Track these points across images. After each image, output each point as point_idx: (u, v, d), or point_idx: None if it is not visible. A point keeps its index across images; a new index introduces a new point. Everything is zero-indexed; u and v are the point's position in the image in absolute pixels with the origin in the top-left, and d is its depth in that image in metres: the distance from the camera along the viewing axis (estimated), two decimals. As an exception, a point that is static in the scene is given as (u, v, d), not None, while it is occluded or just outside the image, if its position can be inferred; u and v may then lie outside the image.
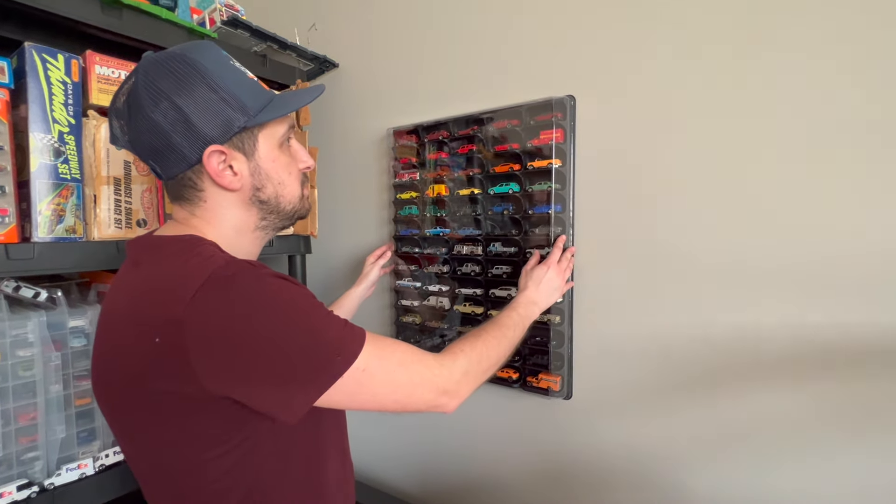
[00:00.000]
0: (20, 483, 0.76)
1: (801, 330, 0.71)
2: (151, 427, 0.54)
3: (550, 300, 0.85)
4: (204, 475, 0.53)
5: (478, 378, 0.65)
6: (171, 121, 0.52)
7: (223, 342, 0.48)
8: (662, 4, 0.80)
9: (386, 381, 0.55)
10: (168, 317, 0.48)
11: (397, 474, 1.26)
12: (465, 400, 0.63)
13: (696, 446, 0.82)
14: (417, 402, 0.59)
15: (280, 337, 0.49)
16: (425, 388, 0.59)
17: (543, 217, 0.91)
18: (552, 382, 0.92)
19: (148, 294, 0.52)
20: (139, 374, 0.51)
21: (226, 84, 0.54)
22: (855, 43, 0.66)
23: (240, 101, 0.55)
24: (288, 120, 0.61)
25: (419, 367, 0.59)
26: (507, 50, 0.98)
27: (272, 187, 0.60)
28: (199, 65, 0.53)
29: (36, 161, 0.74)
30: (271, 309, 0.50)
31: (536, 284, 0.84)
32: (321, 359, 0.51)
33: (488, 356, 0.67)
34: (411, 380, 0.58)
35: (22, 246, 0.72)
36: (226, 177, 0.56)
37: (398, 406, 0.58)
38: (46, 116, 0.75)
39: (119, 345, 0.54)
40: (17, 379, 0.77)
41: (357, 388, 0.53)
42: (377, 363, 0.54)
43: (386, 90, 1.18)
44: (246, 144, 0.57)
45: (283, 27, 1.16)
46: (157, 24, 0.90)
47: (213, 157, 0.54)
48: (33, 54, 0.74)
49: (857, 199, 0.67)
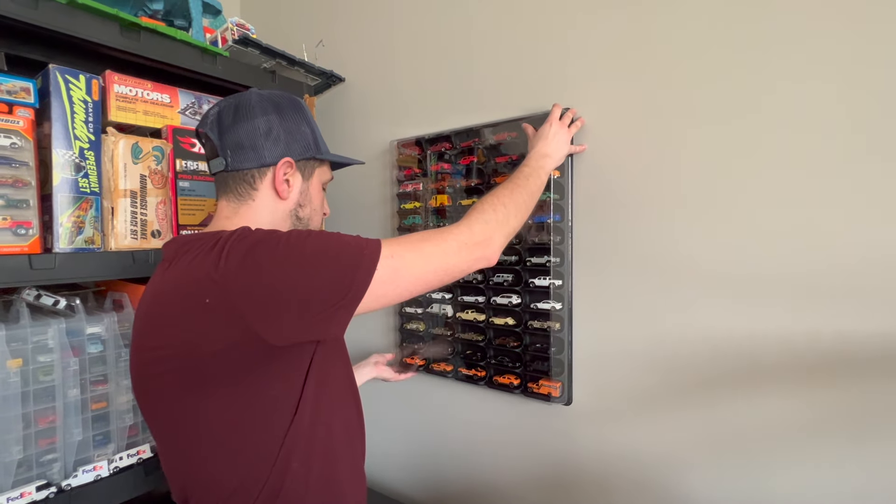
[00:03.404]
0: (39, 484, 0.79)
1: (801, 335, 0.73)
2: (212, 398, 0.57)
3: (562, 151, 0.86)
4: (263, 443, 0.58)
5: (502, 223, 0.69)
6: (267, 128, 0.67)
7: (262, 285, 0.53)
8: (657, 17, 0.82)
9: (418, 259, 0.61)
10: (211, 277, 0.54)
11: (400, 479, 1.28)
12: (503, 245, 0.69)
13: (696, 451, 0.83)
14: (457, 264, 0.64)
15: (310, 259, 0.55)
16: (456, 249, 0.63)
17: (543, 226, 0.94)
18: (552, 388, 0.94)
19: (189, 272, 0.57)
20: (195, 343, 0.55)
21: (313, 125, 0.73)
22: (855, 48, 0.67)
23: (317, 139, 0.73)
24: (331, 172, 0.78)
25: (441, 236, 0.64)
26: (507, 64, 1.01)
27: (310, 209, 0.73)
28: (301, 105, 0.72)
29: (58, 176, 0.78)
30: (294, 239, 0.56)
31: (545, 138, 0.85)
32: (353, 260, 0.56)
33: (505, 204, 0.71)
34: (439, 248, 0.63)
35: (44, 256, 0.76)
36: (283, 185, 0.68)
37: (441, 276, 0.63)
38: (68, 133, 0.79)
39: (166, 325, 0.58)
40: (37, 383, 0.80)
41: (394, 274, 0.58)
42: (401, 248, 0.60)
43: (390, 103, 1.22)
44: (307, 170, 0.72)
45: (291, 44, 1.21)
46: (173, 45, 0.95)
47: (284, 164, 0.68)
48: (57, 75, 0.78)
49: (859, 205, 0.68)
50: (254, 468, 0.59)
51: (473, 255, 0.65)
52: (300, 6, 1.43)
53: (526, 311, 0.97)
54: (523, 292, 0.97)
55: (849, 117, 0.68)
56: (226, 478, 0.59)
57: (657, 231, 0.84)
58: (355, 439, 0.74)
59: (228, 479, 0.59)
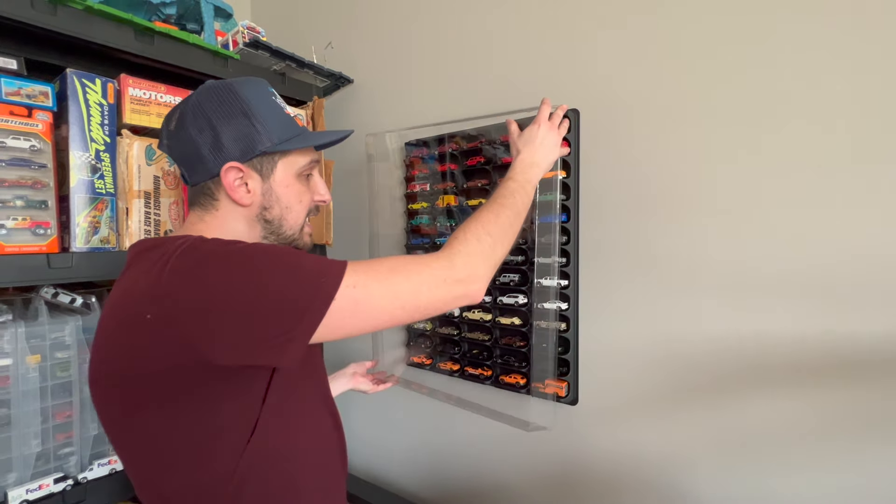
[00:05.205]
0: (57, 476, 0.81)
1: (807, 336, 0.72)
2: (154, 416, 0.53)
3: (550, 158, 0.78)
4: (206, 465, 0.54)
5: (487, 255, 0.62)
6: (204, 136, 0.60)
7: (207, 301, 0.48)
8: (667, 15, 0.82)
9: (385, 292, 0.54)
10: (153, 292, 0.50)
11: (405, 476, 1.29)
12: (489, 279, 0.61)
13: (702, 451, 0.83)
14: (431, 301, 0.57)
15: (261, 278, 0.50)
16: (432, 285, 0.56)
17: (549, 226, 0.94)
18: (558, 388, 0.94)
19: (134, 283, 0.54)
20: (136, 359, 0.51)
21: (259, 114, 0.61)
22: (861, 48, 0.67)
23: (267, 130, 0.61)
24: (311, 154, 0.67)
25: (416, 268, 0.56)
26: (515, 66, 1.01)
27: (279, 210, 0.64)
28: (241, 95, 0.61)
29: (75, 177, 0.81)
30: (246, 255, 0.52)
31: (530, 144, 0.77)
32: (308, 285, 0.51)
33: (490, 232, 0.64)
34: (411, 282, 0.55)
35: (61, 256, 0.78)
36: (239, 192, 0.61)
37: (411, 313, 0.56)
38: (85, 136, 0.82)
39: (110, 338, 0.54)
40: (55, 379, 0.83)
41: (355, 306, 0.52)
42: (367, 277, 0.53)
43: (398, 104, 1.23)
44: (265, 167, 0.63)
45: (301, 46, 1.22)
46: (185, 49, 0.97)
47: (229, 172, 0.60)
48: (74, 79, 0.80)
49: (868, 206, 0.67)
50: (208, 488, 0.55)
51: (453, 293, 0.58)
52: (310, 9, 1.45)
53: (532, 311, 0.98)
54: (530, 292, 0.98)
55: (861, 117, 0.67)
56: (180, 496, 0.56)
57: (664, 232, 0.84)
58: (329, 460, 0.68)
59: (183, 497, 0.56)
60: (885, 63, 0.65)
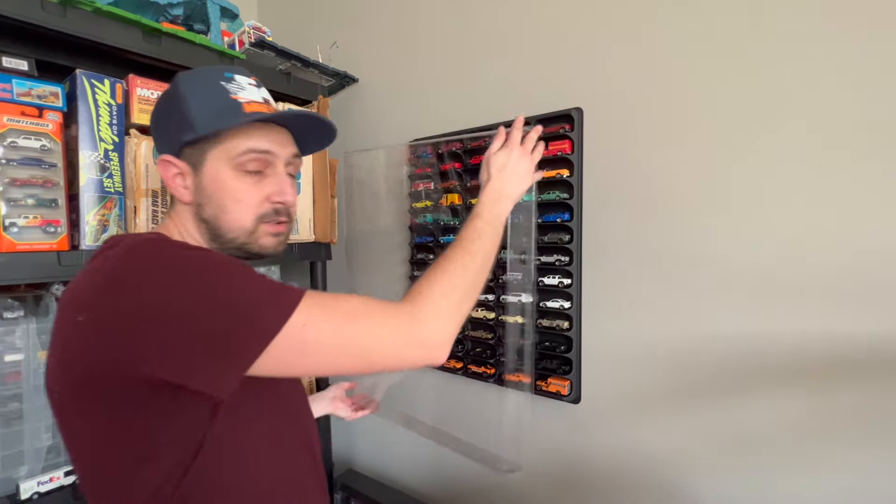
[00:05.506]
0: (67, 469, 0.83)
1: (808, 336, 0.72)
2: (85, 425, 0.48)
3: (521, 187, 0.72)
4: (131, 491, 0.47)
5: (454, 314, 0.55)
6: (154, 133, 0.61)
7: (134, 314, 0.44)
8: (665, 16, 0.82)
9: (336, 339, 0.48)
10: (86, 295, 0.46)
11: (410, 474, 1.30)
12: (452, 341, 0.54)
13: (704, 451, 0.82)
14: (384, 360, 0.50)
15: (199, 296, 0.45)
16: (389, 343, 0.50)
17: (552, 225, 0.94)
18: (561, 386, 0.95)
19: (78, 282, 0.50)
20: (69, 362, 0.47)
21: (192, 102, 0.55)
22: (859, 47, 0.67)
23: (191, 119, 0.54)
24: (251, 141, 0.56)
25: (377, 318, 0.50)
26: (518, 65, 1.01)
27: (212, 208, 0.57)
28: (178, 85, 0.57)
29: (84, 176, 0.82)
30: (192, 266, 0.47)
31: (500, 172, 0.71)
32: (249, 315, 0.45)
33: (456, 286, 0.57)
34: (369, 334, 0.49)
35: (71, 253, 0.80)
36: (176, 186, 0.58)
37: (363, 367, 0.50)
38: (94, 135, 0.83)
39: (54, 337, 0.50)
40: (65, 374, 0.84)
41: (301, 346, 0.46)
42: (320, 318, 0.47)
43: (403, 103, 1.24)
44: (195, 158, 0.57)
45: (306, 46, 1.23)
46: (192, 49, 0.98)
47: (162, 166, 0.58)
48: (83, 80, 0.82)
49: (871, 205, 0.67)
50: None
51: (413, 357, 0.52)
52: (315, 8, 1.46)
53: (535, 310, 0.98)
54: (533, 291, 0.98)
55: (863, 117, 0.67)
56: None
57: (667, 230, 0.84)
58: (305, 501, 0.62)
59: None
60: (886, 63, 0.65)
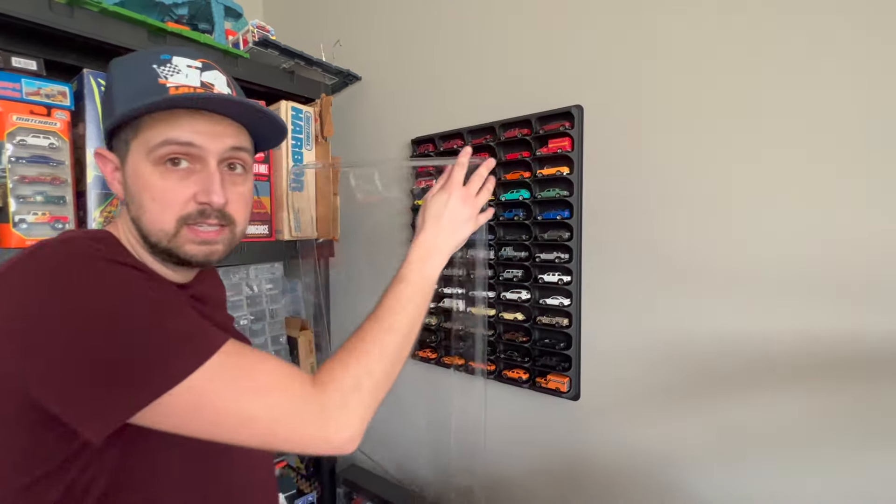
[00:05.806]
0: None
1: (808, 335, 0.72)
2: None
3: (458, 238, 0.63)
4: None
5: (367, 404, 0.50)
6: None
7: (23, 322, 0.40)
8: (666, 15, 0.82)
9: (234, 410, 0.43)
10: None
11: (408, 469, 1.31)
12: (361, 434, 0.49)
13: (703, 449, 0.83)
14: (287, 444, 0.46)
15: (97, 323, 0.40)
16: (293, 431, 0.45)
17: (552, 222, 0.95)
18: (560, 383, 0.95)
19: None
20: None
21: (115, 87, 0.50)
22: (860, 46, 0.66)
23: (112, 105, 0.49)
24: (171, 130, 0.48)
25: (287, 400, 0.45)
26: (519, 63, 1.01)
27: (134, 208, 0.50)
28: (110, 69, 0.51)
29: (91, 174, 0.84)
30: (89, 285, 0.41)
31: (436, 220, 0.62)
32: (157, 354, 0.41)
33: (371, 371, 0.51)
34: (272, 418, 0.44)
35: (79, 249, 0.81)
36: (113, 182, 0.53)
37: (256, 443, 0.45)
38: (101, 133, 0.84)
39: None
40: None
41: (194, 409, 0.42)
42: (226, 380, 0.43)
43: (406, 101, 1.24)
44: (121, 151, 0.51)
45: (310, 44, 1.24)
46: (197, 48, 0.99)
47: (97, 159, 0.53)
48: (90, 79, 0.83)
49: (872, 204, 0.67)
50: None
51: (319, 448, 0.47)
52: (319, 7, 1.47)
53: (535, 307, 0.99)
54: (532, 288, 0.99)
55: (864, 116, 0.66)
56: None
57: (667, 228, 0.84)
58: None
59: None
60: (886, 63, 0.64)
